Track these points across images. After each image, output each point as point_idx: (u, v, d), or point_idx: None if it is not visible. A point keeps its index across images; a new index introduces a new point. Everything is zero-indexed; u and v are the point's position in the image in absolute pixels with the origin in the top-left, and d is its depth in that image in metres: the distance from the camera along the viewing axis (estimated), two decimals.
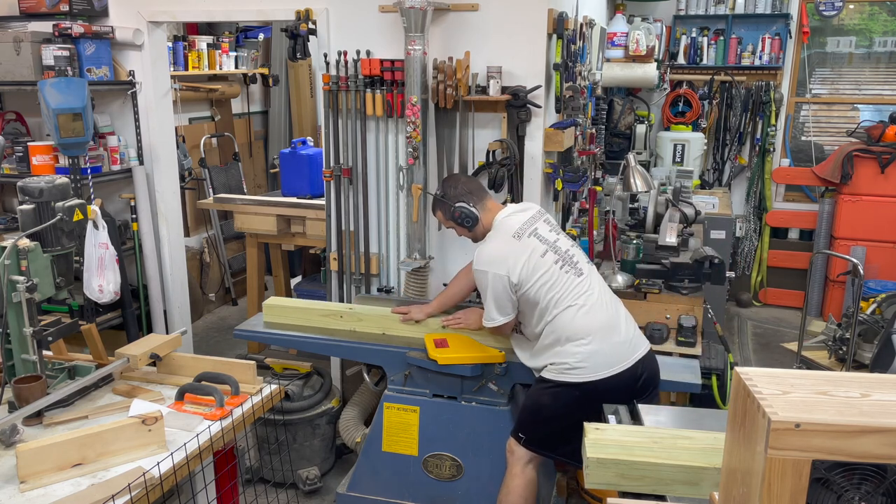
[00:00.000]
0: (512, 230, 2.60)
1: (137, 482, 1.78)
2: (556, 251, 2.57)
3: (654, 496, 1.56)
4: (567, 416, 2.50)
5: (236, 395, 2.29)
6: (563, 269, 2.54)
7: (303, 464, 3.39)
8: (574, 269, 2.57)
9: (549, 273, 2.52)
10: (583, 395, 2.49)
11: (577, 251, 2.65)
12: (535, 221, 2.65)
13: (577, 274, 2.56)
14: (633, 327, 2.61)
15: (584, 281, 2.56)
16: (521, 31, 3.16)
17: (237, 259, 5.85)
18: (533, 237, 2.59)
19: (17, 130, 4.02)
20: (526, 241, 2.57)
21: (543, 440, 2.60)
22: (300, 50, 3.36)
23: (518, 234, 2.59)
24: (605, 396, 2.44)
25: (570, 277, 2.54)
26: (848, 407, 0.88)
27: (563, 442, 2.58)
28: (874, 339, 3.70)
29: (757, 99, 5.89)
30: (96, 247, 2.81)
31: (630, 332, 2.57)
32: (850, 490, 1.02)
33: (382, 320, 3.06)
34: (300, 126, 6.59)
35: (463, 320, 2.97)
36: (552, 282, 2.52)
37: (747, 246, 6.07)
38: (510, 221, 2.64)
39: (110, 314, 3.90)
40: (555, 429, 2.56)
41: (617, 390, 2.46)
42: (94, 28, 3.65)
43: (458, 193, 2.71)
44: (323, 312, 3.11)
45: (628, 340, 2.55)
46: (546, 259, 2.54)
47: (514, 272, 2.51)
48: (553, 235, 2.64)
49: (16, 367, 2.20)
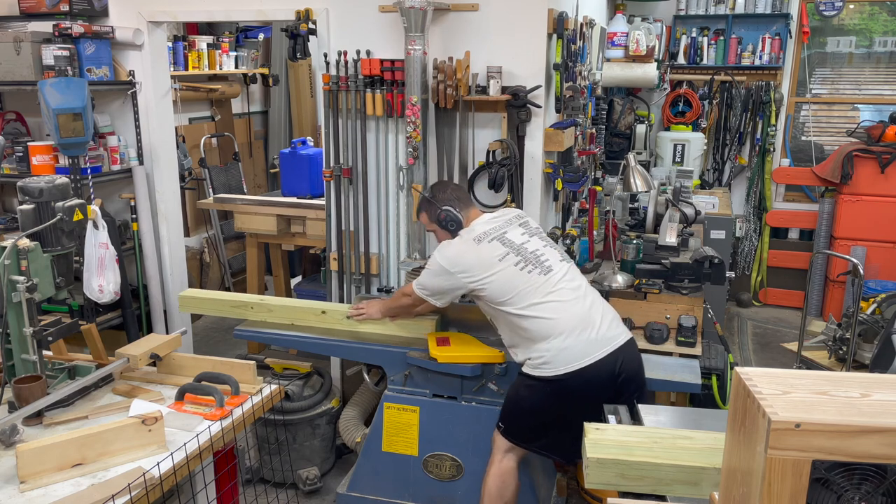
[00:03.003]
0: (474, 234, 2.69)
1: (137, 482, 1.78)
2: (519, 253, 2.63)
3: (654, 496, 1.56)
4: (543, 411, 2.59)
5: (236, 395, 2.29)
6: (524, 270, 2.59)
7: (303, 464, 3.39)
8: (540, 267, 2.61)
9: (504, 273, 2.57)
10: (557, 390, 2.54)
11: (548, 251, 2.69)
12: (505, 227, 2.72)
13: (543, 272, 2.60)
14: (609, 320, 2.62)
15: (551, 278, 2.59)
16: (521, 31, 3.16)
17: (237, 259, 5.85)
18: (496, 241, 2.66)
19: (17, 130, 4.02)
20: (485, 245, 2.64)
21: (520, 432, 2.66)
22: (300, 50, 3.36)
23: (479, 238, 2.66)
24: (581, 390, 2.52)
25: (533, 277, 2.58)
26: (848, 407, 0.88)
27: (540, 436, 2.64)
28: (874, 339, 3.70)
29: (757, 99, 5.89)
30: (96, 247, 2.81)
31: (605, 326, 2.59)
32: (850, 490, 1.02)
33: (292, 311, 3.11)
34: (300, 126, 6.59)
35: (366, 311, 3.06)
36: (510, 283, 2.57)
37: (747, 246, 6.07)
38: (478, 228, 2.72)
39: (110, 314, 3.90)
40: (532, 422, 2.62)
41: (593, 383, 2.52)
42: (94, 28, 3.65)
43: (446, 198, 2.78)
44: (234, 304, 3.18)
45: (602, 335, 2.56)
46: (505, 262, 2.60)
47: (464, 273, 2.61)
48: (523, 238, 2.69)
49: (16, 367, 2.20)
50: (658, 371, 2.84)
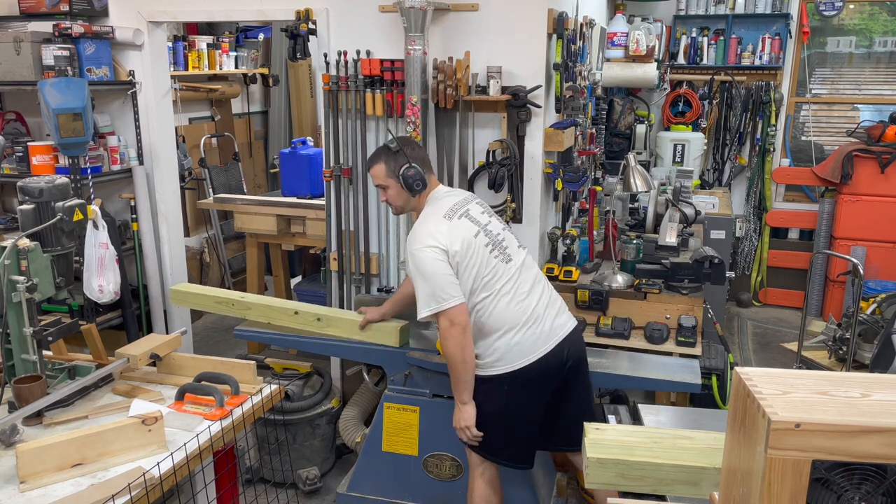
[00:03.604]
0: (442, 211, 2.50)
1: (137, 482, 1.78)
2: (488, 234, 2.50)
3: (654, 496, 1.56)
4: (503, 413, 2.51)
5: (236, 395, 2.29)
6: (492, 254, 2.46)
7: (303, 464, 3.39)
8: (503, 254, 2.50)
9: (479, 255, 2.44)
10: (512, 387, 2.48)
11: (507, 235, 2.58)
12: (466, 203, 2.56)
13: (504, 261, 2.49)
14: (556, 309, 2.57)
15: (510, 268, 2.49)
16: (521, 31, 3.16)
17: (237, 259, 5.85)
18: (465, 218, 2.49)
19: (17, 130, 4.02)
20: (457, 222, 2.47)
21: (487, 443, 2.55)
22: (300, 50, 3.36)
23: (448, 214, 2.48)
24: (533, 383, 2.48)
25: (497, 264, 2.47)
26: (848, 407, 0.88)
27: (507, 443, 2.56)
28: (874, 339, 3.70)
29: (757, 99, 5.88)
30: (96, 247, 2.82)
31: (552, 317, 2.53)
32: (850, 490, 1.02)
33: (267, 311, 3.10)
34: (300, 126, 6.59)
35: (368, 315, 2.94)
36: (480, 264, 2.44)
37: (747, 246, 6.07)
38: (442, 203, 2.53)
39: (110, 314, 3.90)
40: (495, 429, 2.53)
41: (546, 374, 2.48)
42: (94, 28, 3.65)
43: (416, 156, 2.57)
44: (216, 299, 3.19)
45: (551, 325, 2.51)
46: (478, 240, 2.46)
47: (452, 246, 2.41)
48: (485, 218, 2.56)
49: (16, 367, 2.20)
50: (658, 371, 2.84)
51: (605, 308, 3.35)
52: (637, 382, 2.85)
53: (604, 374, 2.84)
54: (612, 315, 3.35)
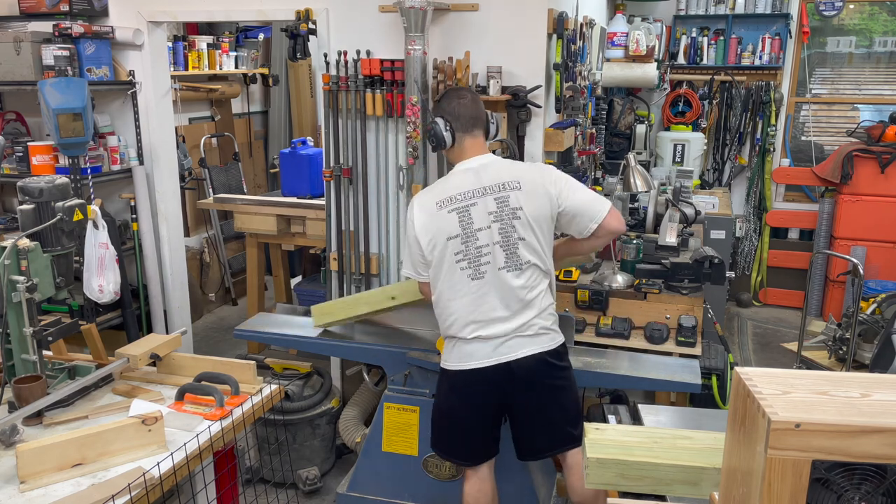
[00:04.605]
0: (439, 196, 2.40)
1: (137, 482, 1.78)
2: (468, 243, 2.34)
3: (654, 496, 1.56)
4: (444, 410, 2.54)
5: (236, 395, 2.29)
6: (458, 264, 2.36)
7: (303, 464, 3.39)
8: (475, 270, 2.35)
9: (442, 260, 2.38)
10: (449, 385, 2.49)
11: (496, 251, 2.34)
12: (479, 196, 2.36)
13: (472, 277, 2.35)
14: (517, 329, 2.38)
15: (475, 286, 2.36)
16: (521, 31, 3.16)
17: (237, 259, 5.85)
18: (454, 214, 2.35)
19: (17, 130, 4.02)
20: (442, 215, 2.37)
21: (437, 440, 2.60)
22: (300, 50, 3.36)
23: (441, 203, 2.38)
24: (468, 389, 2.44)
25: (461, 277, 2.36)
26: (848, 407, 0.88)
27: (457, 444, 2.55)
28: (874, 339, 3.70)
29: (757, 99, 5.88)
30: (96, 247, 2.82)
31: (503, 337, 2.37)
32: (850, 490, 1.02)
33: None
34: (300, 126, 6.59)
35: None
36: (439, 267, 2.40)
37: (747, 246, 6.07)
38: (450, 183, 2.43)
39: (110, 314, 3.90)
40: (441, 426, 2.57)
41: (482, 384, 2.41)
42: (94, 28, 3.65)
43: (447, 109, 2.46)
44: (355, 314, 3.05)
45: (498, 347, 2.37)
46: (449, 246, 2.36)
47: (420, 237, 2.41)
48: (485, 220, 2.34)
49: (16, 367, 2.20)
50: (658, 371, 2.84)
51: (605, 308, 3.35)
52: (637, 382, 2.85)
53: (604, 374, 2.83)
54: (612, 315, 3.35)
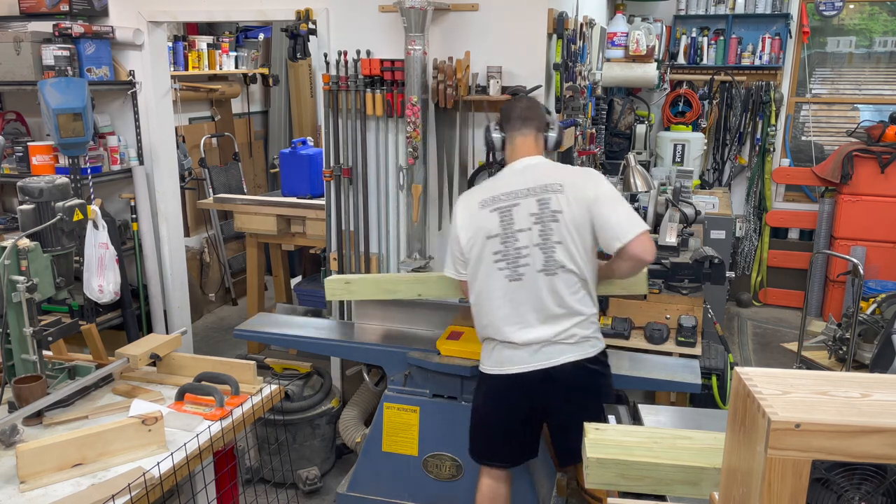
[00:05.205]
0: (484, 196, 2.40)
1: (137, 482, 1.78)
2: (506, 242, 2.32)
3: (654, 496, 1.56)
4: (481, 414, 2.52)
5: (236, 395, 2.29)
6: (497, 265, 2.34)
7: (303, 464, 3.39)
8: (513, 271, 2.32)
9: (481, 259, 2.37)
10: (485, 389, 2.49)
11: (535, 252, 2.30)
12: (522, 197, 2.34)
13: (510, 278, 2.33)
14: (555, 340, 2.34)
15: (513, 287, 2.33)
16: (521, 31, 3.16)
17: (237, 259, 5.85)
18: (496, 213, 2.34)
19: (17, 130, 4.02)
20: (485, 214, 2.36)
21: (477, 444, 2.57)
22: (300, 50, 3.36)
23: (485, 202, 2.38)
24: (504, 393, 2.43)
25: (500, 278, 2.34)
26: (848, 407, 0.88)
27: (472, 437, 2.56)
28: (874, 339, 3.70)
29: (757, 99, 5.88)
30: (96, 247, 2.82)
31: (541, 343, 2.34)
32: (850, 490, 1.02)
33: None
34: (300, 126, 6.59)
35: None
36: (477, 267, 2.39)
37: (747, 246, 6.07)
38: (498, 184, 2.42)
39: (110, 314, 3.90)
40: (477, 430, 2.55)
41: (518, 389, 2.39)
42: (94, 28, 3.65)
43: (502, 113, 2.54)
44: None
45: (538, 349, 2.34)
46: (488, 245, 2.35)
47: (460, 234, 2.42)
48: (524, 223, 2.32)
49: (16, 367, 2.20)
50: (658, 371, 2.84)
51: (605, 308, 3.35)
52: (637, 382, 2.85)
53: None
54: (612, 315, 3.35)
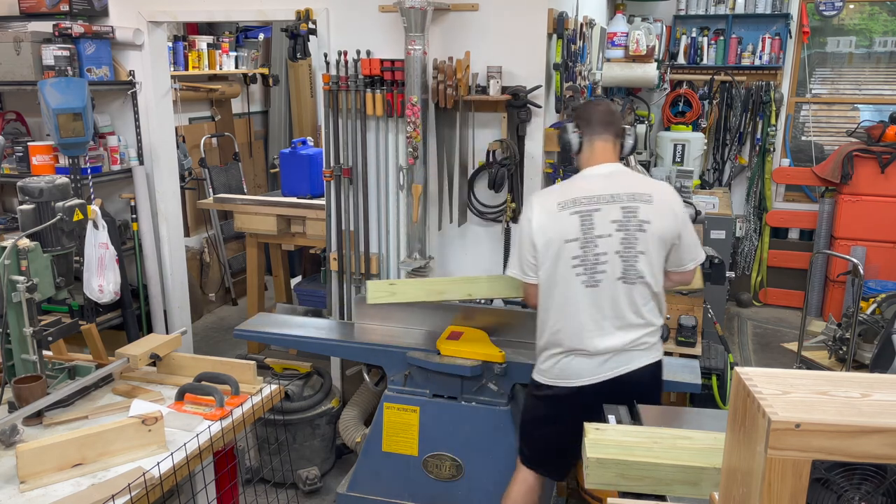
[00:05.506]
0: (562, 198, 2.30)
1: (137, 482, 1.78)
2: (585, 247, 2.24)
3: (654, 496, 1.56)
4: (538, 426, 2.47)
5: (236, 395, 2.29)
6: (574, 270, 2.25)
7: (303, 464, 3.39)
8: (590, 278, 2.25)
9: (558, 264, 2.27)
10: (545, 401, 2.42)
11: (615, 260, 2.24)
12: (605, 203, 2.26)
13: (587, 284, 2.25)
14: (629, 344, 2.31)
15: (590, 294, 2.26)
16: (521, 31, 3.16)
17: (237, 259, 5.85)
18: (576, 217, 2.25)
19: (17, 130, 4.02)
20: (564, 216, 2.26)
21: (528, 452, 2.53)
22: (300, 50, 3.36)
23: (564, 205, 2.28)
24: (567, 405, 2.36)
25: (576, 284, 2.26)
26: (848, 407, 0.88)
27: (523, 445, 2.53)
28: (874, 339, 3.70)
29: (757, 99, 5.88)
30: (96, 247, 2.82)
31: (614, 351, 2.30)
32: (850, 490, 1.02)
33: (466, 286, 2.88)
34: (300, 126, 6.59)
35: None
36: (553, 272, 2.29)
37: (747, 246, 6.07)
38: (574, 187, 2.33)
39: (110, 314, 3.90)
40: (534, 438, 2.50)
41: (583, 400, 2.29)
42: (94, 28, 3.65)
43: (579, 115, 2.42)
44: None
45: (609, 358, 2.30)
46: (567, 249, 2.25)
47: (536, 239, 2.30)
48: (608, 228, 2.24)
49: (16, 367, 2.20)
50: None
51: None
52: None
53: None
54: None
